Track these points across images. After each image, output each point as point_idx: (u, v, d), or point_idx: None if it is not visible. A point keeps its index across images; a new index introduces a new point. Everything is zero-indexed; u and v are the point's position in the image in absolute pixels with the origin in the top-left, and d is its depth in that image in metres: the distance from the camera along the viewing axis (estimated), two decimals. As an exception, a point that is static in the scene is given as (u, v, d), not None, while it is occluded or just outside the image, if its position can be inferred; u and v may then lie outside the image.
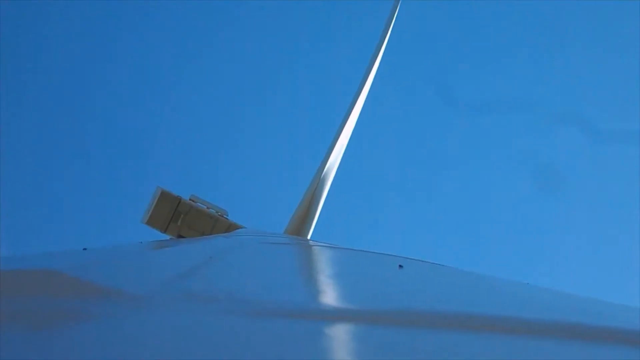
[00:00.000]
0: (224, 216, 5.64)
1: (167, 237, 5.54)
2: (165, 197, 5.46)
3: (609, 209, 15.24)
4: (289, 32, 15.78)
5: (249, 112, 15.78)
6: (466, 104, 15.47)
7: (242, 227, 5.56)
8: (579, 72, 15.60)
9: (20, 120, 14.23)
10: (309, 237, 5.90)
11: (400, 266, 1.91)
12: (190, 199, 5.59)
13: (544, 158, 15.47)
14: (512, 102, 15.41)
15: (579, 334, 0.99)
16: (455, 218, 15.61)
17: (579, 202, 15.64)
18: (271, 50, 15.77)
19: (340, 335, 0.93)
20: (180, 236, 5.47)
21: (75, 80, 15.05)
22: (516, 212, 15.70)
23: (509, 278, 2.06)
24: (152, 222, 5.45)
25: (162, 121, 15.81)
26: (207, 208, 5.61)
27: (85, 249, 1.88)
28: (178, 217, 5.43)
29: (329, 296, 1.32)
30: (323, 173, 5.99)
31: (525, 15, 15.80)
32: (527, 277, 15.06)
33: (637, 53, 14.38)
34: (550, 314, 1.31)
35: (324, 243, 3.23)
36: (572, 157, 15.72)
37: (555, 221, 15.56)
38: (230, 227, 5.52)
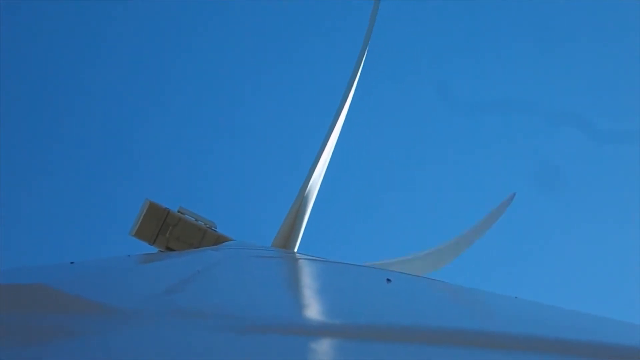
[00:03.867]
0: (213, 228, 5.62)
1: (155, 249, 5.52)
2: (153, 209, 5.44)
3: (609, 209, 15.30)
4: (272, 35, 15.77)
5: (235, 123, 15.78)
6: (466, 104, 15.51)
7: (230, 240, 5.55)
8: (579, 72, 15.70)
9: (5, 128, 14.15)
10: (295, 249, 5.91)
11: (388, 280, 1.92)
12: (178, 211, 5.58)
13: (544, 158, 15.54)
14: (512, 102, 15.49)
15: (567, 349, 1.00)
16: (453, 219, 15.62)
17: (579, 202, 15.71)
18: (254, 56, 15.73)
19: (328, 351, 0.93)
20: (168, 248, 5.46)
21: (61, 86, 14.99)
22: (516, 212, 15.74)
23: (497, 292, 2.07)
24: (140, 234, 5.43)
25: (149, 134, 15.76)
26: (196, 220, 5.60)
27: (72, 262, 1.87)
28: (166, 230, 5.42)
29: (317, 311, 1.32)
30: (310, 182, 6.01)
31: (525, 15, 15.91)
32: (526, 278, 15.12)
33: (637, 53, 14.50)
34: (540, 329, 1.31)
35: (313, 257, 3.23)
36: (572, 157, 15.79)
37: (555, 221, 15.61)
38: (219, 240, 5.51)
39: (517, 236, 15.78)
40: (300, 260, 2.88)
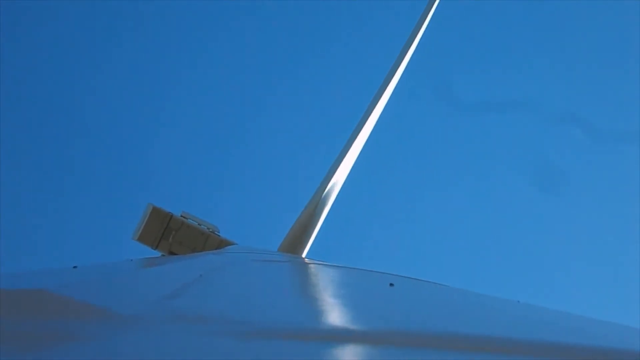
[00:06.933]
0: (216, 233, 5.63)
1: (158, 253, 5.52)
2: (156, 214, 5.45)
3: (609, 209, 15.26)
4: (288, 38, 15.75)
5: (240, 125, 15.78)
6: (466, 104, 15.49)
7: (233, 244, 5.55)
8: (579, 71, 15.67)
9: (8, 131, 14.16)
10: (304, 255, 5.87)
11: (391, 284, 1.92)
12: (181, 216, 5.58)
13: (544, 158, 15.51)
14: (512, 102, 15.48)
15: (570, 354, 1.00)
16: (452, 219, 15.58)
17: (579, 202, 15.66)
18: (268, 55, 15.70)
19: (331, 355, 0.93)
20: (171, 253, 5.45)
21: (61, 89, 15.00)
22: (515, 212, 15.69)
23: (500, 296, 2.07)
24: (143, 238, 5.43)
25: (152, 138, 15.79)
26: (199, 224, 5.60)
27: (75, 266, 1.87)
28: (169, 234, 5.42)
29: (320, 316, 1.32)
30: (326, 190, 5.95)
31: (525, 15, 15.90)
32: (526, 279, 15.08)
33: (638, 53, 14.48)
34: (544, 334, 1.31)
35: (316, 261, 3.23)
36: (572, 157, 15.75)
37: (555, 221, 15.56)
38: (222, 244, 5.50)
39: (517, 236, 15.77)
40: (303, 265, 2.88)
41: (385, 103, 6.65)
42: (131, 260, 2.65)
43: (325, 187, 5.96)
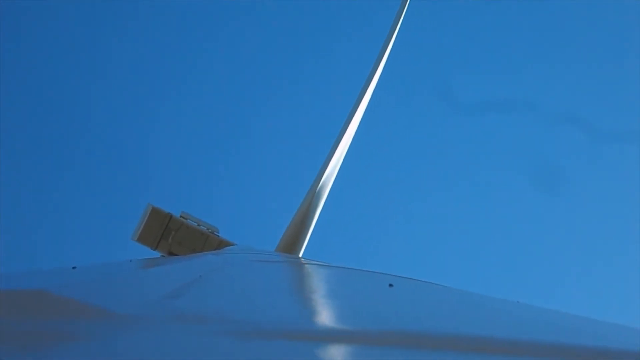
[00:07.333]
0: (215, 233, 5.63)
1: (157, 254, 5.53)
2: (155, 214, 5.45)
3: (609, 208, 15.28)
4: (281, 39, 15.79)
5: (240, 125, 15.78)
6: (466, 104, 15.51)
7: (232, 244, 5.56)
8: (579, 71, 15.71)
9: (9, 131, 14.16)
10: (300, 254, 5.87)
11: (391, 285, 1.92)
12: (181, 216, 5.58)
13: (544, 158, 15.54)
14: (512, 102, 15.52)
15: (570, 354, 1.00)
16: (452, 219, 15.62)
17: (578, 202, 15.70)
18: (263, 56, 15.73)
19: (330, 356, 0.93)
20: (171, 253, 5.46)
21: (61, 88, 14.99)
22: (515, 212, 15.72)
23: (499, 297, 2.07)
24: (142, 239, 5.44)
25: (152, 138, 15.79)
26: (198, 225, 5.61)
27: (74, 267, 1.87)
28: (169, 235, 5.42)
29: (320, 316, 1.32)
30: (318, 187, 5.96)
31: (525, 15, 15.93)
32: (526, 279, 15.11)
33: (638, 53, 14.51)
34: (543, 335, 1.31)
35: (315, 261, 3.23)
36: (572, 157, 15.79)
37: (555, 221, 15.59)
38: (221, 244, 5.51)
39: (517, 236, 15.79)
40: (302, 265, 2.88)
41: (368, 100, 6.68)
42: (131, 260, 2.66)
43: (317, 187, 5.97)
